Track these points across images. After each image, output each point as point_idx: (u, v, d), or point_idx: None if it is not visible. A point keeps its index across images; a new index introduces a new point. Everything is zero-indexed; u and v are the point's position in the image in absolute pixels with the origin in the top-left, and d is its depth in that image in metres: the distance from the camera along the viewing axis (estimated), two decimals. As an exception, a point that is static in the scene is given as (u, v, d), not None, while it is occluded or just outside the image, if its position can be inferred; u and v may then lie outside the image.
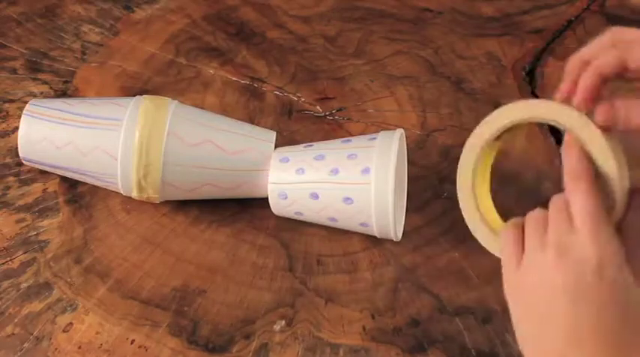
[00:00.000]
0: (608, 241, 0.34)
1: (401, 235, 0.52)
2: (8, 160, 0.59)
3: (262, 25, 0.76)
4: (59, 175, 0.57)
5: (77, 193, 0.56)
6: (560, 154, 0.61)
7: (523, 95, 0.68)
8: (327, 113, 0.65)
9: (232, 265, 0.52)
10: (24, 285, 0.50)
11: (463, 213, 0.44)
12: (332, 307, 0.49)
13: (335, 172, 0.49)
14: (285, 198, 0.51)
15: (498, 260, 0.52)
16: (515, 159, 0.61)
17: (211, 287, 0.50)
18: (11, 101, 0.64)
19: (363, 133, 0.63)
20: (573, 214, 0.35)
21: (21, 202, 0.55)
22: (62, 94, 0.66)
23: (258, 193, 0.53)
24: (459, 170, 0.45)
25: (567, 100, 0.40)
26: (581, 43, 0.41)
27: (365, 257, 0.53)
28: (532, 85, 0.70)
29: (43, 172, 0.57)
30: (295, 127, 0.63)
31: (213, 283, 0.50)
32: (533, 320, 0.36)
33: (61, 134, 0.52)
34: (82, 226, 0.54)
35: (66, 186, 0.57)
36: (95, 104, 0.53)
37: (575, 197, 0.36)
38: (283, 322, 0.48)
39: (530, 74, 0.71)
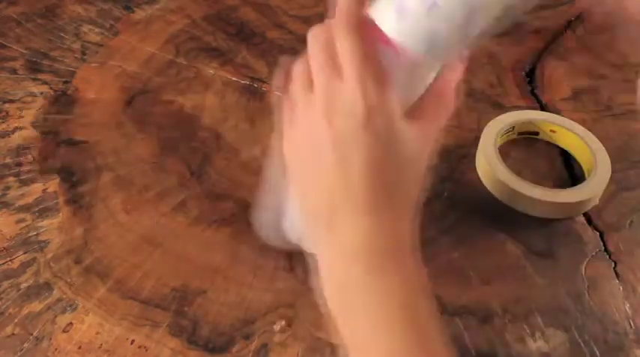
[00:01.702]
0: (376, 90, 0.33)
1: None
2: (8, 160, 0.59)
3: (262, 25, 0.76)
4: (59, 175, 0.57)
5: (77, 193, 0.56)
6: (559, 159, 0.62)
7: (523, 95, 0.68)
8: (327, 113, 0.65)
9: (232, 265, 0.52)
10: (24, 285, 0.50)
11: None
12: (332, 307, 0.49)
13: None
14: None
15: (498, 260, 0.52)
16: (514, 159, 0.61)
17: (211, 287, 0.50)
18: (11, 101, 0.64)
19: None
20: (341, 61, 0.33)
21: (21, 202, 0.55)
22: (62, 94, 0.66)
23: None
24: None
25: None
26: (582, 43, 0.41)
27: (365, 257, 0.53)
28: (532, 85, 0.70)
29: (43, 172, 0.57)
30: (295, 127, 0.63)
31: (213, 283, 0.50)
32: (306, 179, 0.35)
33: None
34: (82, 226, 0.54)
35: (66, 186, 0.57)
36: None
37: (344, 43, 0.33)
38: (283, 322, 0.48)
39: (530, 74, 0.71)
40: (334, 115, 0.33)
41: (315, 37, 0.36)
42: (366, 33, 0.33)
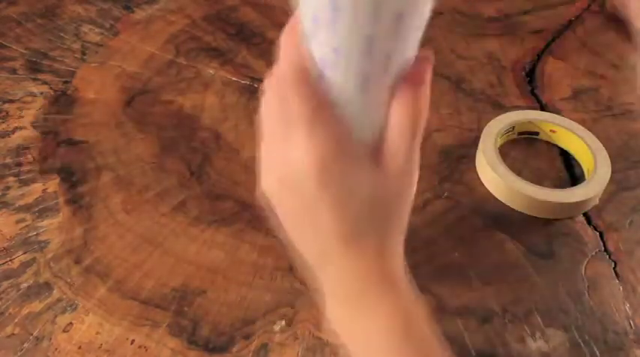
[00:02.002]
0: (325, 143, 0.32)
1: None
2: (8, 160, 0.59)
3: (262, 25, 0.76)
4: (59, 175, 0.57)
5: (77, 193, 0.56)
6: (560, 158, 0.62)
7: (523, 95, 0.68)
8: (327, 113, 0.65)
9: (232, 265, 0.52)
10: (24, 285, 0.50)
11: None
12: (332, 307, 0.49)
13: None
14: None
15: (498, 260, 0.52)
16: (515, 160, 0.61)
17: (211, 287, 0.50)
18: (11, 101, 0.64)
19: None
20: (289, 114, 0.33)
21: (21, 202, 0.55)
22: (62, 94, 0.66)
23: None
24: None
25: None
26: (582, 43, 0.41)
27: (365, 257, 0.53)
28: (532, 85, 0.70)
29: (43, 172, 0.57)
30: (295, 127, 0.63)
31: (213, 283, 0.50)
32: (287, 229, 0.36)
33: None
34: (82, 226, 0.54)
35: (66, 186, 0.57)
36: None
37: (291, 100, 0.33)
38: (283, 322, 0.48)
39: (530, 74, 0.71)
40: (288, 176, 0.34)
41: (268, 88, 0.36)
42: (310, 84, 0.33)
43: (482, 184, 0.58)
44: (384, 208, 0.34)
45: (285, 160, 0.34)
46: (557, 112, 0.66)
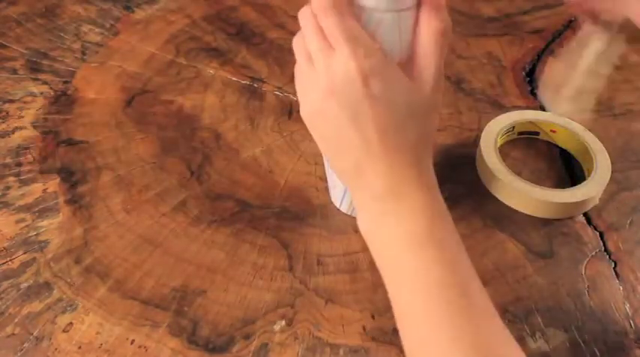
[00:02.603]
0: (367, 54, 0.36)
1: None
2: (8, 160, 0.59)
3: (262, 25, 0.76)
4: (59, 175, 0.57)
5: (77, 193, 0.56)
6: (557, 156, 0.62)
7: (523, 95, 0.68)
8: (327, 113, 0.65)
9: (232, 265, 0.52)
10: (24, 285, 0.50)
11: None
12: (332, 307, 0.49)
13: None
14: None
15: (497, 261, 0.52)
16: (515, 159, 0.61)
17: (211, 287, 0.50)
18: (11, 101, 0.64)
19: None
20: (328, 36, 0.37)
21: (21, 202, 0.55)
22: (62, 94, 0.66)
23: None
24: None
25: None
26: (581, 43, 0.41)
27: (365, 257, 0.53)
28: (532, 85, 0.70)
29: (43, 172, 0.57)
30: (295, 127, 0.63)
31: (213, 283, 0.50)
32: (328, 144, 0.40)
33: None
34: (82, 226, 0.54)
35: (66, 186, 0.57)
36: None
37: (326, 21, 0.37)
38: (283, 322, 0.48)
39: (530, 74, 0.71)
40: (335, 86, 0.37)
41: (304, 17, 0.39)
42: (346, 6, 0.38)
43: (483, 184, 0.58)
44: (418, 117, 0.38)
45: (330, 73, 0.37)
46: (557, 112, 0.66)
